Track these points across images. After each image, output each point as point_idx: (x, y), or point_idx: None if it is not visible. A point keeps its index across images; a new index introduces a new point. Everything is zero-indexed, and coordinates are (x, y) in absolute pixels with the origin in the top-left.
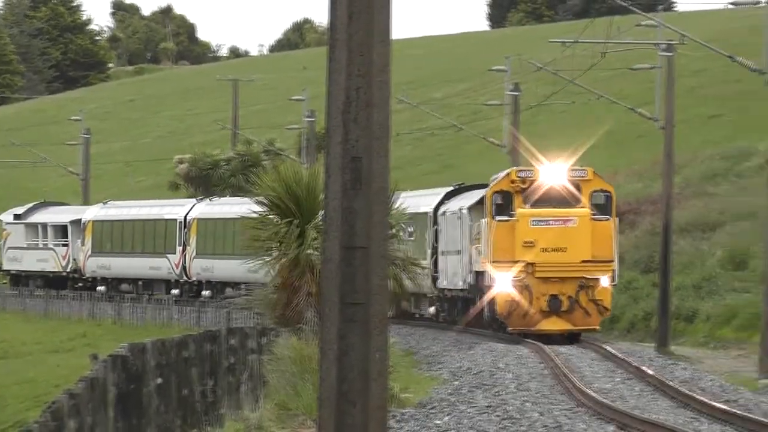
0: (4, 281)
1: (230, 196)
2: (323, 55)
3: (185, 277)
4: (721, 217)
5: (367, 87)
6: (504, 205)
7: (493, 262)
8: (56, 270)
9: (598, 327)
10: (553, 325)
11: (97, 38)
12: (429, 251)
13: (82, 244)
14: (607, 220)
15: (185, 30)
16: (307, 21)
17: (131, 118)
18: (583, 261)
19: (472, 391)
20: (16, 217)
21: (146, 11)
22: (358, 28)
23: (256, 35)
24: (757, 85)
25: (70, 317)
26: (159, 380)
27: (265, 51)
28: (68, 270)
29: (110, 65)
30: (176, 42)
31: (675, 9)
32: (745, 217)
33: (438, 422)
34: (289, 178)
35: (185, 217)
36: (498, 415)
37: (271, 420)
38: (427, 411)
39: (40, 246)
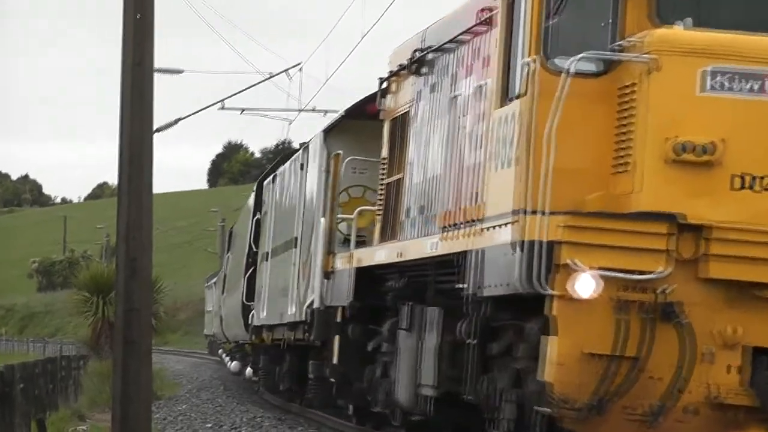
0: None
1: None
2: (115, 201)
3: None
4: None
5: (139, 220)
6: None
7: (532, 213)
8: None
9: None
10: None
11: None
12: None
13: None
14: None
15: (36, 188)
16: (105, 183)
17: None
18: None
19: (198, 391)
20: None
21: (14, 177)
22: (133, 188)
23: (76, 189)
24: None
25: None
26: (21, 385)
27: (83, 199)
28: None
29: None
30: (32, 195)
31: None
32: None
33: (179, 408)
34: (96, 272)
35: None
36: (212, 405)
37: (85, 408)
38: (173, 402)
39: None
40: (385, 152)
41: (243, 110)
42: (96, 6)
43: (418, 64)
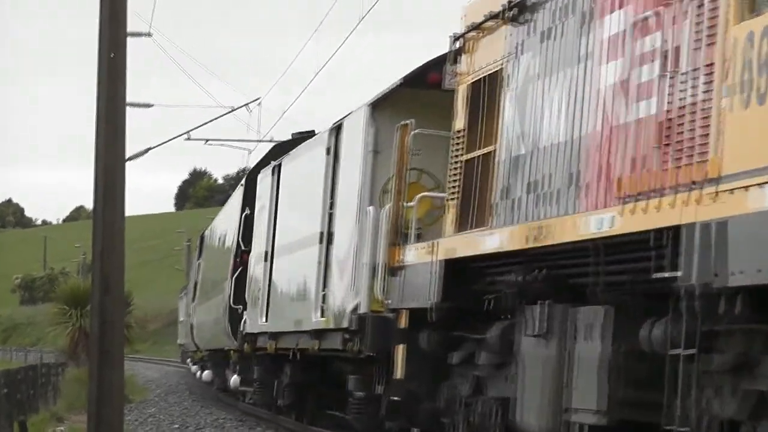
0: None
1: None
2: (91, 223)
3: None
4: None
5: (112, 242)
6: None
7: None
8: None
9: None
10: None
11: None
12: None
13: None
14: None
15: (19, 211)
16: (82, 206)
17: None
18: None
19: (166, 395)
20: None
21: None
22: (107, 211)
23: (55, 212)
24: None
25: None
26: (5, 390)
27: (61, 221)
28: None
29: None
30: (14, 217)
31: None
32: None
33: (149, 411)
34: (74, 287)
35: None
36: (179, 408)
37: (63, 411)
38: (143, 406)
39: None
40: (461, 123)
41: (207, 140)
42: (73, 35)
43: (518, 8)
